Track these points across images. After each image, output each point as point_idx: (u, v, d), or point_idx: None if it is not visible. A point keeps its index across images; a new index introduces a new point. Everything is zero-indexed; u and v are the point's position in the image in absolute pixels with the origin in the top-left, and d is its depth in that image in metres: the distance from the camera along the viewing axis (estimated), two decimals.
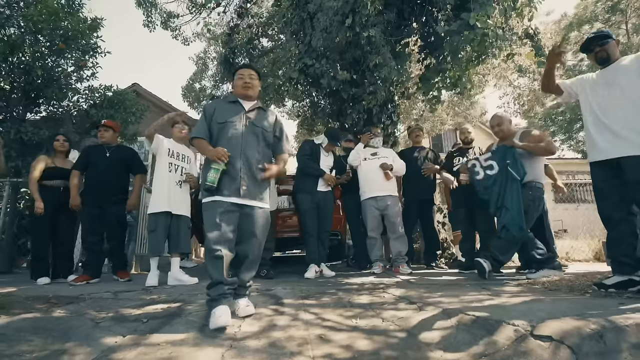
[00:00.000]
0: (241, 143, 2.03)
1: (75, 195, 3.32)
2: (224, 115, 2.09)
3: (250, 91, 2.17)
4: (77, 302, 2.38)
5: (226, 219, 1.93)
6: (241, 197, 1.96)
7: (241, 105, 2.15)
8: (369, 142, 3.90)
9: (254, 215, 2.01)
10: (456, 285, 2.81)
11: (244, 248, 2.02)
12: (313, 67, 4.24)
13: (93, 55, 5.39)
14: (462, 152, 4.01)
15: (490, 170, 3.13)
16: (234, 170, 1.98)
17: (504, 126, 3.23)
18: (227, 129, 2.05)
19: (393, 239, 3.72)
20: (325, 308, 2.15)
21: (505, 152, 3.06)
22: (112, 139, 3.56)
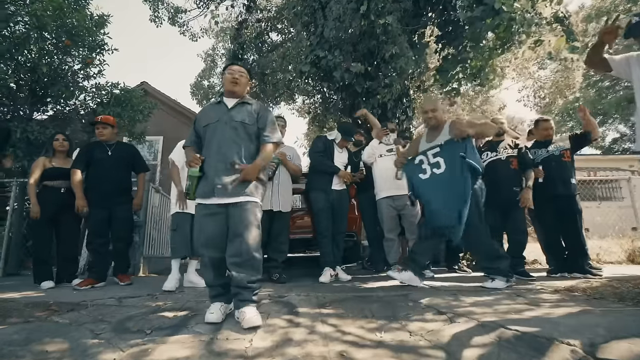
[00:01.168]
0: (217, 141, 2.01)
1: (80, 195, 3.20)
2: (206, 118, 2.11)
3: (237, 87, 2.14)
4: (78, 310, 2.25)
5: (210, 222, 1.94)
6: (216, 196, 1.92)
7: (225, 104, 2.14)
8: (384, 139, 3.68)
9: (237, 213, 1.92)
10: (485, 292, 2.57)
11: (230, 250, 1.92)
12: (325, 59, 4.04)
13: (100, 52, 5.28)
14: (492, 147, 3.71)
15: (437, 169, 2.74)
16: (210, 170, 1.97)
17: (439, 113, 2.89)
18: (209, 131, 2.06)
19: (412, 240, 3.50)
20: (345, 319, 1.95)
21: (457, 146, 2.65)
22: (112, 136, 3.42)
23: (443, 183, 2.68)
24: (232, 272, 1.90)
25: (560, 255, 3.52)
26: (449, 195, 2.65)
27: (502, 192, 3.45)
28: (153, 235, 4.98)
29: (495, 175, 3.53)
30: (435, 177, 2.74)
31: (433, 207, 2.74)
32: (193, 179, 1.96)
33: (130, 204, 3.41)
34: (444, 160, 2.72)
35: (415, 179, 2.84)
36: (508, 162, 3.53)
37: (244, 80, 2.19)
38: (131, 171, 3.53)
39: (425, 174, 2.78)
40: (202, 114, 2.16)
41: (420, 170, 2.82)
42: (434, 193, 2.74)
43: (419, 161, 2.82)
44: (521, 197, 3.38)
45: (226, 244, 1.93)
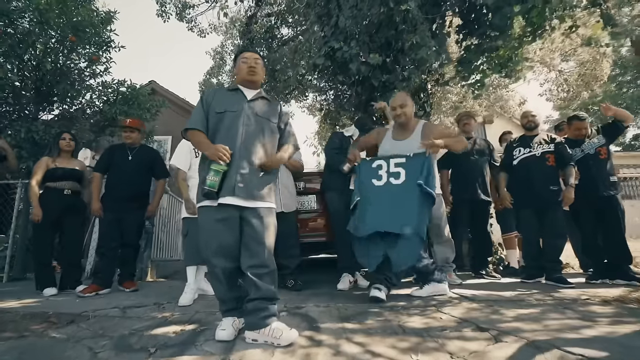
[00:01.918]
0: (241, 135, 1.78)
1: (96, 199, 3.11)
2: (223, 104, 1.85)
3: (255, 76, 1.94)
4: (79, 322, 2.08)
5: (224, 227, 1.70)
6: (236, 195, 1.69)
7: (243, 94, 1.92)
8: None
9: (258, 218, 1.73)
10: (525, 302, 2.32)
11: (253, 259, 1.70)
12: (341, 50, 3.82)
13: (107, 49, 5.19)
14: (525, 142, 3.43)
15: (395, 179, 2.52)
16: (233, 166, 1.73)
17: (408, 109, 2.65)
18: (226, 120, 1.81)
19: (437, 244, 3.24)
20: (372, 335, 1.73)
21: (423, 163, 2.47)
22: (138, 139, 3.37)
23: (397, 195, 2.46)
24: (257, 284, 1.67)
25: (600, 259, 3.23)
26: (400, 208, 2.42)
27: (538, 192, 3.20)
28: (161, 238, 4.84)
29: (529, 173, 3.28)
30: (390, 187, 2.52)
31: (376, 213, 2.47)
32: (218, 174, 1.68)
33: (143, 210, 3.28)
34: (405, 173, 2.51)
35: (366, 183, 2.58)
36: (544, 159, 3.27)
37: (261, 69, 1.98)
38: (151, 176, 3.40)
39: (380, 180, 2.56)
40: (216, 97, 1.88)
41: (374, 175, 2.58)
42: (383, 202, 2.49)
43: (377, 165, 2.59)
44: (564, 197, 3.11)
45: (239, 253, 1.73)
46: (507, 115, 9.69)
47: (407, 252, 2.39)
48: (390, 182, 2.52)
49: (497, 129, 7.89)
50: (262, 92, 2.00)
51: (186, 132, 1.85)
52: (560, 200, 3.12)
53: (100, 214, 3.11)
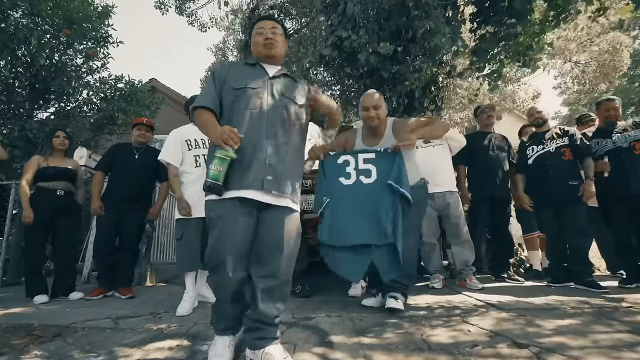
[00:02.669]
0: (267, 117, 1.48)
1: (96, 198, 2.99)
2: (241, 79, 1.53)
3: (274, 50, 1.62)
4: (65, 335, 1.89)
5: (238, 225, 1.39)
6: (264, 189, 1.39)
7: (263, 69, 1.61)
8: None
9: (281, 220, 1.44)
10: (561, 311, 2.09)
11: (267, 268, 1.42)
12: (349, 39, 3.60)
13: (104, 45, 5.02)
14: (537, 139, 3.22)
15: (366, 177, 2.24)
16: (258, 153, 1.42)
17: (382, 112, 2.34)
18: (246, 98, 1.49)
19: (456, 245, 3.03)
20: (394, 353, 1.52)
21: (393, 160, 2.20)
22: (149, 139, 3.27)
23: (371, 197, 2.18)
24: (258, 301, 1.39)
25: (634, 262, 2.99)
26: (376, 213, 2.15)
27: (556, 189, 2.99)
28: (162, 240, 4.67)
29: (546, 170, 3.07)
30: (361, 187, 2.23)
31: (351, 219, 2.20)
32: (224, 162, 1.33)
33: (144, 213, 3.12)
34: (376, 170, 2.22)
35: (334, 182, 2.28)
36: (559, 154, 3.06)
37: (281, 39, 1.64)
38: (155, 178, 3.25)
39: (349, 179, 2.27)
40: (232, 72, 1.57)
41: (342, 173, 2.28)
42: (356, 206, 2.21)
43: (344, 162, 2.30)
44: (583, 191, 2.88)
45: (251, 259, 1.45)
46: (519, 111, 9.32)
47: (392, 261, 2.12)
48: (361, 180, 2.24)
49: (507, 125, 7.62)
50: (284, 69, 1.68)
51: (194, 113, 1.54)
52: (581, 196, 2.89)
53: (101, 212, 2.98)
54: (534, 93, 8.88)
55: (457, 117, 9.57)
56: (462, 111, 9.46)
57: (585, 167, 2.96)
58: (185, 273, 2.55)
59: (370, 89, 2.52)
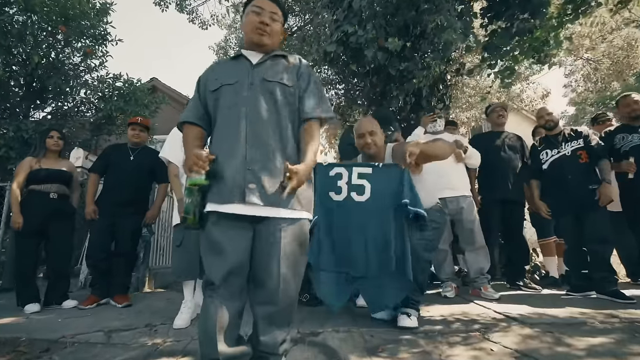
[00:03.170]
0: (245, 112, 1.23)
1: (90, 201, 2.89)
2: (219, 77, 1.32)
3: (264, 39, 1.33)
4: (54, 352, 1.77)
5: (228, 242, 1.18)
6: (246, 202, 1.16)
7: (246, 59, 1.36)
8: (430, 126, 3.08)
9: (275, 235, 1.19)
10: (589, 327, 1.93)
11: (263, 293, 1.21)
12: (355, 35, 3.46)
13: (102, 43, 4.90)
14: (550, 143, 3.06)
15: (358, 195, 2.04)
16: (234, 159, 1.20)
17: (379, 138, 2.16)
18: (222, 98, 1.28)
19: (470, 252, 2.87)
20: None
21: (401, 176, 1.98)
22: (145, 140, 3.18)
23: (362, 218, 2.00)
24: (258, 330, 1.23)
25: None
26: (368, 237, 1.97)
27: (575, 194, 2.83)
28: (161, 244, 4.53)
29: (563, 175, 2.91)
30: (350, 204, 2.04)
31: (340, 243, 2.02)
32: (191, 194, 1.17)
33: (140, 216, 2.99)
34: (370, 188, 2.03)
35: (323, 195, 2.05)
36: (576, 157, 2.90)
37: (278, 28, 1.37)
38: (152, 180, 3.15)
39: (339, 194, 2.07)
40: (213, 73, 1.37)
41: (332, 186, 2.08)
42: (346, 226, 2.02)
43: (336, 174, 2.10)
44: (600, 195, 2.71)
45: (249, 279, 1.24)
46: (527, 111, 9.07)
47: (388, 294, 1.94)
48: (352, 197, 2.04)
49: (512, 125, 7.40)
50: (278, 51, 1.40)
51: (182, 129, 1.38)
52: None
53: (95, 216, 2.87)
54: (543, 92, 8.65)
55: (463, 117, 9.40)
56: (468, 110, 9.28)
57: (601, 169, 2.81)
58: (184, 281, 2.41)
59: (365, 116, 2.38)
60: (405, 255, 1.90)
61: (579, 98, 15.61)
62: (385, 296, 1.96)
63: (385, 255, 1.94)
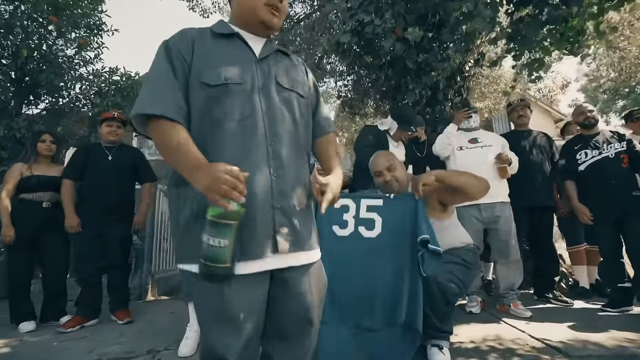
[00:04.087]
0: (264, 129, 0.95)
1: (70, 213, 2.59)
2: (217, 66, 0.94)
3: (278, 19, 1.04)
4: None
5: (245, 306, 0.90)
6: (280, 251, 0.92)
7: (246, 44, 1.03)
8: (464, 123, 2.81)
9: (308, 281, 0.99)
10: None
11: (295, 349, 1.00)
12: (371, 24, 3.18)
13: (97, 33, 4.63)
14: (587, 142, 2.82)
15: (368, 230, 1.82)
16: (260, 193, 0.91)
17: (400, 173, 1.96)
18: (229, 102, 0.93)
19: (502, 265, 2.66)
20: None
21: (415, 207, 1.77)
22: (122, 136, 2.90)
23: (369, 254, 1.77)
24: None
25: None
26: (377, 280, 1.73)
27: (619, 200, 2.61)
28: (164, 246, 4.36)
29: (605, 179, 2.68)
30: (358, 240, 1.81)
31: (343, 287, 1.74)
32: (228, 231, 0.79)
33: (129, 222, 2.80)
34: (381, 222, 1.81)
35: (326, 230, 1.81)
36: (619, 160, 2.69)
37: (287, 7, 1.09)
38: (135, 181, 2.91)
39: (345, 228, 1.85)
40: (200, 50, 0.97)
41: (337, 220, 1.85)
42: (348, 264, 1.77)
43: (342, 206, 1.87)
44: None
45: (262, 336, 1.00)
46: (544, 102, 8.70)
47: (397, 349, 1.69)
48: (360, 233, 1.82)
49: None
50: (274, 42, 1.14)
51: (142, 123, 0.92)
52: None
53: (78, 229, 2.60)
54: (563, 82, 8.27)
55: (478, 105, 9.07)
56: (482, 101, 8.95)
57: None
58: (188, 301, 2.22)
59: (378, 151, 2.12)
60: (417, 302, 1.67)
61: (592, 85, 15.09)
62: (395, 352, 1.69)
63: (396, 303, 1.70)
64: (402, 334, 1.68)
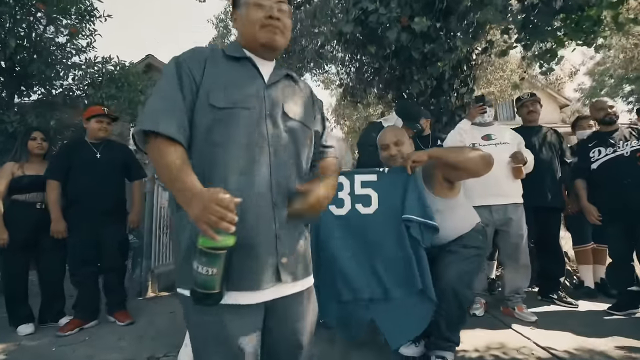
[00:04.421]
0: (269, 157, 0.94)
1: (57, 216, 2.50)
2: (227, 89, 0.94)
3: (280, 37, 1.02)
4: None
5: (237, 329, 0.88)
6: (282, 280, 0.92)
7: (256, 69, 1.02)
8: (479, 118, 2.69)
9: (301, 310, 0.99)
10: None
11: None
12: (376, 13, 3.03)
13: (89, 20, 4.44)
14: (604, 139, 2.72)
15: (365, 206, 1.83)
16: (263, 223, 0.91)
17: (406, 147, 1.91)
18: (235, 126, 0.92)
19: (510, 268, 2.62)
20: None
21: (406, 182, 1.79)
22: (110, 133, 2.82)
23: (371, 232, 1.80)
24: None
25: None
26: (379, 254, 1.77)
27: (632, 200, 2.54)
28: (163, 240, 4.32)
29: (618, 178, 2.61)
30: (356, 218, 1.82)
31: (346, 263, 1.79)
32: (217, 261, 0.79)
33: (123, 223, 2.74)
34: (377, 197, 1.81)
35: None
36: (634, 159, 2.59)
37: (289, 22, 1.05)
38: (124, 178, 2.83)
39: (342, 207, 1.84)
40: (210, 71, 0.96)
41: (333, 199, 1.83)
42: (349, 242, 1.81)
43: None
44: None
45: None
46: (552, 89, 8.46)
47: (408, 321, 1.74)
48: (357, 210, 1.83)
49: None
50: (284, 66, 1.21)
51: (145, 141, 0.90)
52: None
53: (65, 234, 2.52)
54: (572, 69, 8.03)
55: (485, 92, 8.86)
56: (487, 87, 8.73)
57: None
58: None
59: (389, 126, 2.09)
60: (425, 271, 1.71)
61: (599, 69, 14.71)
62: (407, 325, 1.75)
63: (407, 271, 1.74)
64: (419, 301, 1.73)
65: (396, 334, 1.79)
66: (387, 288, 1.77)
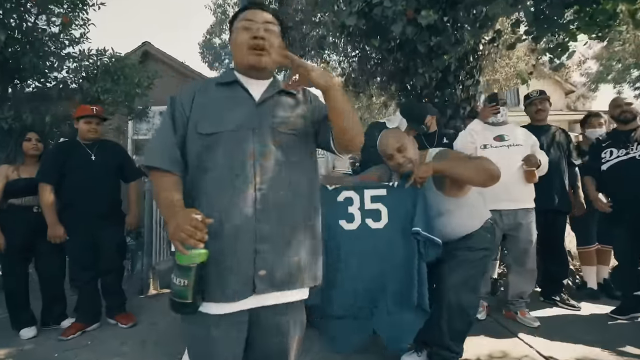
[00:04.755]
0: (253, 173, 0.99)
1: (53, 221, 2.44)
2: (212, 115, 1.03)
3: (266, 57, 1.05)
4: None
5: (230, 347, 1.01)
6: (257, 292, 0.98)
7: (245, 90, 1.07)
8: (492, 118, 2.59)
9: (283, 323, 1.05)
10: None
11: None
12: (381, 6, 2.91)
13: (82, 9, 4.28)
14: (618, 139, 2.65)
15: (375, 221, 1.81)
16: (241, 241, 0.97)
17: (411, 152, 1.84)
18: (221, 151, 1.00)
19: (515, 273, 2.59)
20: None
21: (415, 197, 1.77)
22: (100, 133, 2.73)
23: (379, 244, 1.80)
24: None
25: None
26: (388, 267, 1.79)
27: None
28: (162, 235, 4.30)
29: (628, 181, 2.55)
30: (367, 232, 1.81)
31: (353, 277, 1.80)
32: (188, 273, 0.90)
33: (120, 225, 2.72)
34: (387, 212, 1.81)
35: (332, 225, 1.80)
36: None
37: (277, 42, 1.08)
38: (120, 179, 2.79)
39: (352, 222, 1.84)
40: (199, 101, 1.06)
41: (342, 214, 1.83)
42: (359, 257, 1.81)
43: (346, 199, 1.84)
44: None
45: None
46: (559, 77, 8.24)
47: (406, 329, 1.79)
48: (367, 225, 1.83)
49: None
50: (278, 81, 1.15)
51: (150, 173, 1.07)
52: None
53: (64, 239, 2.48)
54: (580, 57, 7.81)
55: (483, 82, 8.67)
56: (492, 75, 8.54)
57: None
58: None
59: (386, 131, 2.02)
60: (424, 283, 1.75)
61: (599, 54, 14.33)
62: (404, 331, 1.80)
63: (409, 287, 1.76)
64: (414, 315, 1.77)
65: (393, 339, 1.83)
66: (391, 301, 1.79)
